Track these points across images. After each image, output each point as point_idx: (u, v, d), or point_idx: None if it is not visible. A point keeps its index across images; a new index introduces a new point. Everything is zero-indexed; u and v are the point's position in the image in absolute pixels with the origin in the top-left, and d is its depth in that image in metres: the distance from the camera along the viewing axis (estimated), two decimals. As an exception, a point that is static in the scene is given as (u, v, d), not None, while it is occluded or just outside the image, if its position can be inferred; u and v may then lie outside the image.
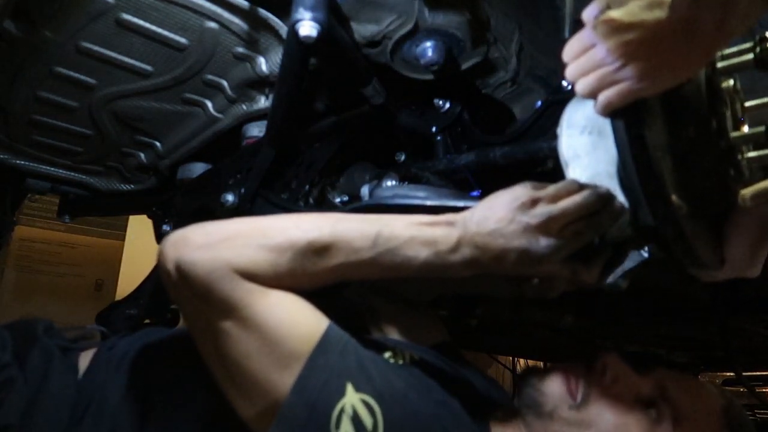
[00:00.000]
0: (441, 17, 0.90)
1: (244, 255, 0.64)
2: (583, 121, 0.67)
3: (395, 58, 0.97)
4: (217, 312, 0.64)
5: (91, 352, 0.88)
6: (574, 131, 0.69)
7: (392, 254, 0.66)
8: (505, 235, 0.64)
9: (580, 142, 0.68)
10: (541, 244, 0.63)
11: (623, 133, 0.61)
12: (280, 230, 0.67)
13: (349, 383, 0.64)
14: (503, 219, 0.64)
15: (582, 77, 0.60)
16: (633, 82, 0.57)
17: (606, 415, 0.74)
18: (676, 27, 0.54)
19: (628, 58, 0.56)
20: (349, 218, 0.70)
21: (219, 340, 0.65)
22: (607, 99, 0.59)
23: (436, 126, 1.02)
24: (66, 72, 0.99)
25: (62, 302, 2.45)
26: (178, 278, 0.65)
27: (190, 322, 0.70)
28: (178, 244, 0.66)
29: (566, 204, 0.63)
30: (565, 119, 0.71)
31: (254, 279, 0.64)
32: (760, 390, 2.92)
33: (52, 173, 1.31)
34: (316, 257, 0.66)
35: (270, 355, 0.63)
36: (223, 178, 1.10)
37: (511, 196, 0.66)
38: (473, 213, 0.67)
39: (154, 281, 1.35)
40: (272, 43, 0.97)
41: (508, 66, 1.01)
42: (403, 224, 0.68)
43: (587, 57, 0.59)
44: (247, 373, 0.64)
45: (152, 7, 0.88)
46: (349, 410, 0.62)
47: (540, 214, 0.63)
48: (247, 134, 1.11)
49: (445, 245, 0.66)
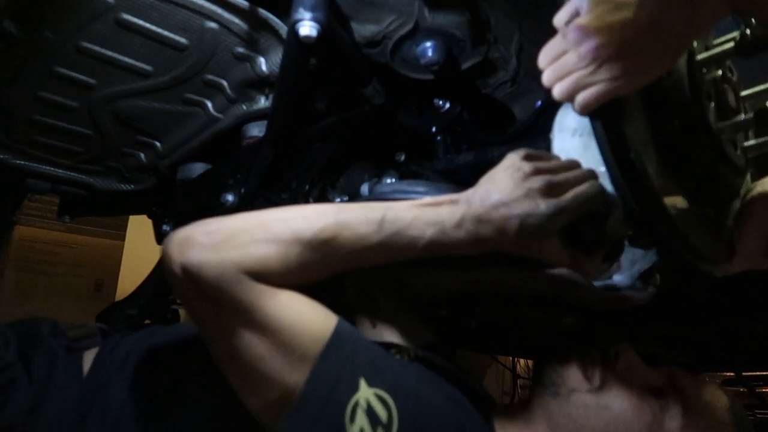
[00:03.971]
0: (441, 17, 0.90)
1: (252, 255, 0.64)
2: (574, 124, 0.68)
3: (395, 58, 0.97)
4: (228, 314, 0.64)
5: (94, 351, 0.88)
6: (566, 134, 0.70)
7: (398, 236, 0.66)
8: (508, 203, 0.65)
9: (571, 144, 0.69)
10: (542, 207, 0.64)
11: (602, 132, 0.63)
12: (285, 225, 0.66)
13: (361, 378, 0.64)
14: (505, 189, 0.65)
15: (558, 82, 0.62)
16: (607, 83, 0.58)
17: (620, 399, 0.75)
18: (644, 27, 0.54)
19: (600, 61, 0.57)
20: (351, 206, 0.69)
21: (230, 340, 0.64)
22: (584, 101, 0.60)
23: (436, 126, 1.02)
24: (66, 72, 0.99)
25: (62, 302, 2.44)
26: (185, 280, 0.65)
27: (198, 322, 0.69)
28: (182, 246, 0.65)
29: (569, 173, 0.65)
30: (557, 122, 0.72)
31: (264, 278, 0.64)
32: (760, 390, 2.91)
33: (52, 173, 1.31)
34: (323, 248, 0.66)
35: (282, 355, 0.63)
36: (223, 178, 1.10)
37: (513, 168, 0.67)
38: (476, 190, 0.68)
39: (154, 282, 1.35)
40: (272, 43, 0.97)
41: (508, 66, 1.01)
42: (406, 206, 0.68)
43: (561, 62, 0.61)
44: (259, 373, 0.64)
45: (152, 7, 0.88)
46: (363, 404, 0.62)
47: (542, 179, 0.65)
48: (247, 134, 1.11)
49: (450, 222, 0.66)
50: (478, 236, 0.66)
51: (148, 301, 1.33)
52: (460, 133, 1.02)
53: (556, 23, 0.61)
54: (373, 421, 0.62)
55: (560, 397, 0.76)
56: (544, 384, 0.79)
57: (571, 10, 0.59)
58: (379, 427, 0.62)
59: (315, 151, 1.06)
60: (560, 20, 0.60)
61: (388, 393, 0.64)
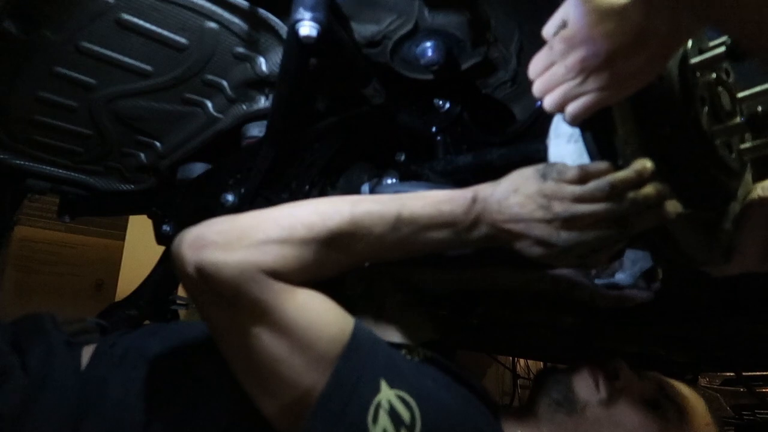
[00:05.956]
0: (441, 17, 0.90)
1: (269, 253, 0.63)
2: (569, 130, 0.68)
3: (395, 58, 0.97)
4: (246, 314, 0.63)
5: (92, 346, 0.87)
6: (561, 140, 0.70)
7: (413, 237, 0.66)
8: (527, 221, 0.64)
9: (567, 150, 0.69)
10: (562, 237, 0.63)
11: (591, 142, 0.63)
12: (300, 223, 0.65)
13: (382, 379, 0.64)
14: (527, 205, 0.64)
15: (547, 93, 0.62)
16: (595, 93, 0.59)
17: (628, 415, 0.76)
18: (629, 36, 0.55)
19: (587, 71, 0.58)
20: (366, 202, 0.68)
21: (247, 341, 0.64)
22: (574, 111, 0.61)
23: (436, 126, 1.02)
24: (66, 72, 0.99)
25: (62, 302, 2.44)
26: (200, 281, 0.63)
27: (213, 322, 0.68)
28: (196, 246, 0.64)
29: (595, 208, 0.62)
30: (553, 128, 0.72)
31: (281, 276, 0.63)
32: (760, 390, 2.92)
33: (52, 173, 1.31)
34: (339, 247, 0.66)
35: (301, 356, 0.63)
36: (223, 178, 1.10)
37: (538, 185, 0.64)
38: (494, 190, 0.67)
39: (154, 282, 1.35)
40: (272, 43, 0.97)
41: (508, 66, 1.01)
42: (421, 204, 0.67)
43: (550, 74, 0.61)
44: (277, 374, 0.63)
45: (152, 7, 0.88)
46: (385, 405, 0.62)
47: (567, 209, 0.62)
48: (247, 134, 1.11)
49: (464, 224, 0.66)
50: (489, 238, 0.67)
51: (148, 302, 1.33)
52: (460, 133, 1.02)
53: (544, 35, 0.61)
54: (396, 421, 0.61)
55: (576, 414, 0.76)
56: (557, 402, 0.78)
57: (558, 21, 0.60)
58: (402, 428, 0.62)
59: (315, 151, 1.06)
60: (548, 32, 0.61)
61: (410, 394, 0.64)
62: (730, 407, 3.28)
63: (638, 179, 0.62)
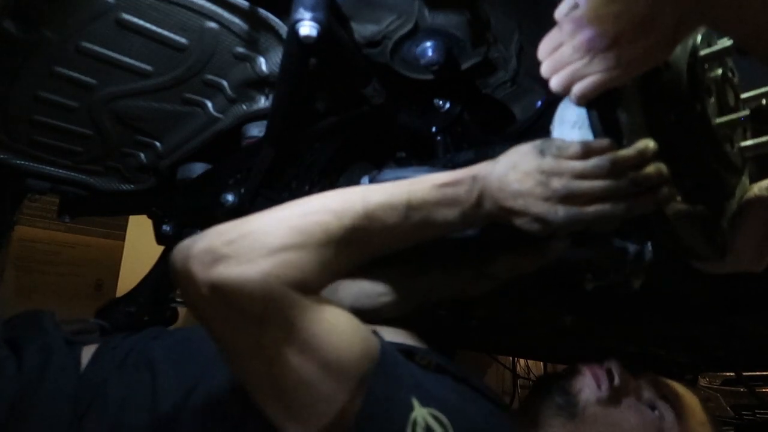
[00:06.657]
0: (441, 17, 0.90)
1: (290, 263, 0.59)
2: (574, 117, 0.69)
3: (395, 58, 0.97)
4: (274, 334, 0.59)
5: (93, 347, 0.87)
6: (566, 126, 0.70)
7: (423, 222, 0.67)
8: (526, 198, 0.64)
9: (570, 136, 0.69)
10: (560, 214, 0.63)
11: (597, 121, 0.64)
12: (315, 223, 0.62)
13: (413, 398, 0.63)
14: (525, 182, 0.64)
15: (555, 74, 0.63)
16: (602, 74, 0.60)
17: (626, 417, 0.76)
18: (636, 19, 0.56)
19: (595, 52, 0.59)
20: (374, 192, 0.67)
21: (274, 364, 0.60)
22: (580, 91, 0.61)
23: (436, 126, 1.03)
24: (66, 72, 0.99)
25: (62, 302, 2.44)
26: (217, 301, 0.59)
27: (230, 345, 0.63)
28: (207, 262, 0.58)
29: (595, 185, 0.63)
30: (558, 115, 0.72)
31: (306, 286, 0.61)
32: (760, 390, 2.92)
33: (52, 173, 1.31)
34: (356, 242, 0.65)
35: (332, 378, 0.60)
36: (223, 178, 1.10)
37: (537, 161, 0.65)
38: (494, 167, 0.67)
39: (153, 279, 1.35)
40: (272, 43, 0.97)
41: (508, 66, 1.01)
42: (427, 188, 0.67)
43: (558, 54, 0.62)
44: (306, 395, 0.60)
45: (152, 7, 0.88)
46: (421, 422, 0.61)
47: (566, 185, 0.63)
48: (247, 134, 1.11)
49: (469, 203, 0.67)
50: (491, 214, 0.68)
51: (148, 299, 1.33)
52: (460, 133, 1.02)
53: (556, 16, 0.62)
54: None
55: (576, 417, 0.76)
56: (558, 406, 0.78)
57: (570, 2, 0.60)
58: None
59: (315, 151, 1.06)
60: (560, 13, 0.62)
61: (442, 411, 0.63)
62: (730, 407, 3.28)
63: (640, 158, 0.62)
